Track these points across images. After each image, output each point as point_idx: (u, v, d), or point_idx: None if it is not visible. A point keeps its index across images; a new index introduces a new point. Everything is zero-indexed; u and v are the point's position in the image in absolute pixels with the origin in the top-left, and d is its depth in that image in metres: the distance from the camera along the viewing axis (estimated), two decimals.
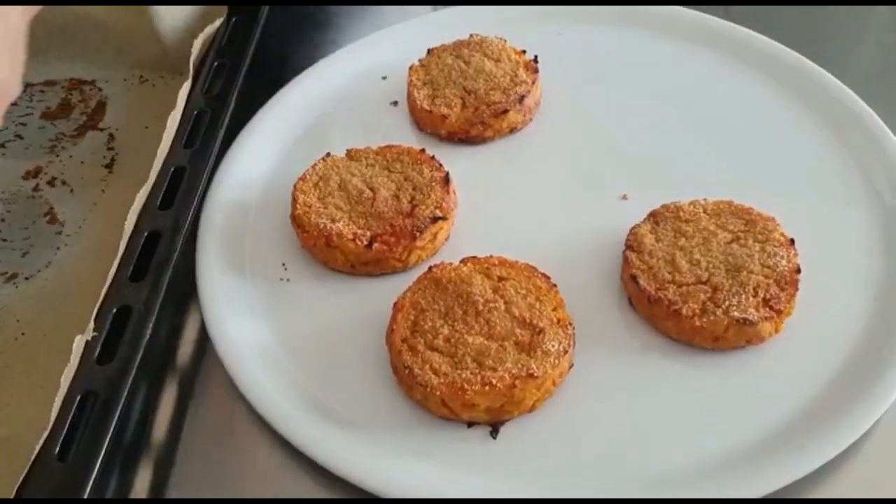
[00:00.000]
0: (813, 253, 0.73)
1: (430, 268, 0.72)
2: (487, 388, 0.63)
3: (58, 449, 0.63)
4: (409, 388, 0.66)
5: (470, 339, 0.66)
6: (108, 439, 0.64)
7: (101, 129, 0.95)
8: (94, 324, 0.69)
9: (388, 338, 0.69)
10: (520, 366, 0.65)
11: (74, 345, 0.66)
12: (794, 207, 0.78)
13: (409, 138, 0.89)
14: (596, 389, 0.68)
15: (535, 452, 0.65)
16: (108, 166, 0.91)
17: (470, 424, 0.66)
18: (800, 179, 0.83)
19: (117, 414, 0.65)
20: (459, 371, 0.65)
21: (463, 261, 0.73)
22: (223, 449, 0.69)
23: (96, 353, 0.68)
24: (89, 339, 0.68)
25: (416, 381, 0.64)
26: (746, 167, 0.85)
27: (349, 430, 0.66)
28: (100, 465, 0.63)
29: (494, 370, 0.64)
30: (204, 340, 0.75)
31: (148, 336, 0.70)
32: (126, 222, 0.74)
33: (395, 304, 0.70)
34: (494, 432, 0.66)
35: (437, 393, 0.64)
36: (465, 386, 0.63)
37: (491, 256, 0.73)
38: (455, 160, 0.85)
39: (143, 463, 0.69)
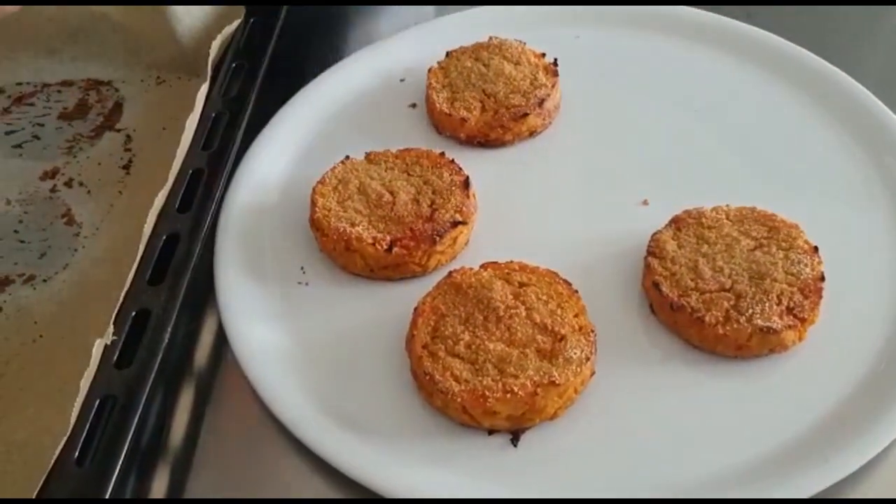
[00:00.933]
0: (837, 260, 0.73)
1: (451, 273, 0.72)
2: (509, 395, 0.63)
3: (76, 454, 0.63)
4: (430, 394, 0.66)
5: (491, 346, 0.66)
6: (126, 444, 0.64)
7: (119, 130, 0.95)
8: (114, 327, 0.69)
9: (408, 343, 0.68)
10: (541, 373, 0.64)
11: (94, 348, 0.66)
12: (817, 214, 0.77)
13: (427, 141, 0.88)
14: (618, 397, 0.68)
15: (556, 461, 0.65)
16: (126, 168, 0.91)
17: (491, 432, 0.66)
18: (823, 186, 0.82)
19: (136, 419, 0.65)
20: (480, 378, 0.64)
21: (483, 266, 0.72)
22: (240, 453, 0.69)
23: (115, 357, 0.68)
24: (108, 342, 0.67)
25: (437, 388, 0.64)
26: (769, 173, 0.84)
27: (368, 436, 0.66)
28: (118, 470, 0.63)
29: (516, 377, 0.64)
30: (221, 344, 0.75)
31: (166, 340, 0.70)
32: (145, 225, 0.74)
33: (416, 309, 0.70)
34: (515, 440, 0.65)
35: (458, 400, 0.63)
36: (487, 393, 0.63)
37: (511, 262, 0.73)
38: (474, 164, 0.84)
39: (161, 467, 0.69)
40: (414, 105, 0.94)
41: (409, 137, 0.89)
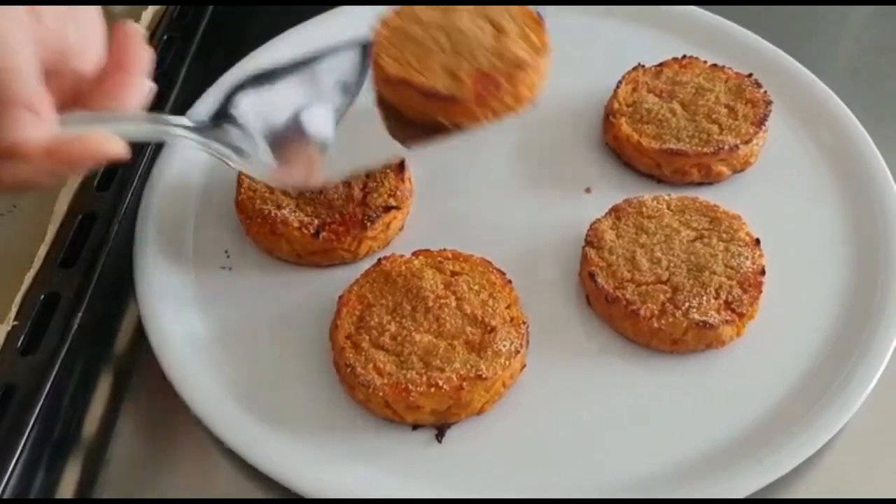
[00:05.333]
0: (779, 254, 0.71)
1: (380, 260, 0.69)
2: (433, 389, 0.60)
3: None
4: (352, 387, 0.63)
5: (418, 338, 0.63)
6: (27, 435, 0.60)
7: None
8: (19, 312, 0.65)
9: (331, 333, 0.65)
10: (468, 366, 0.61)
11: None
12: (761, 205, 0.76)
13: None
14: (548, 392, 0.65)
15: (482, 457, 0.62)
16: None
17: (414, 427, 0.63)
18: (768, 176, 0.80)
19: (38, 408, 0.62)
20: (405, 371, 0.61)
21: (415, 253, 0.69)
22: (158, 447, 0.66)
23: (19, 344, 0.64)
24: (9, 328, 0.63)
25: (359, 381, 0.61)
26: None
27: (287, 431, 0.63)
28: (20, 463, 0.60)
29: (442, 370, 0.61)
30: (142, 332, 0.70)
31: (77, 326, 0.67)
32: (56, 203, 0.70)
33: (340, 297, 0.67)
34: (440, 435, 0.63)
35: (380, 394, 0.60)
36: (410, 387, 0.60)
37: (444, 250, 0.70)
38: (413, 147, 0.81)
39: (72, 461, 0.66)
40: None
41: None
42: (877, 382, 0.64)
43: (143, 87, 0.55)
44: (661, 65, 0.85)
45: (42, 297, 0.67)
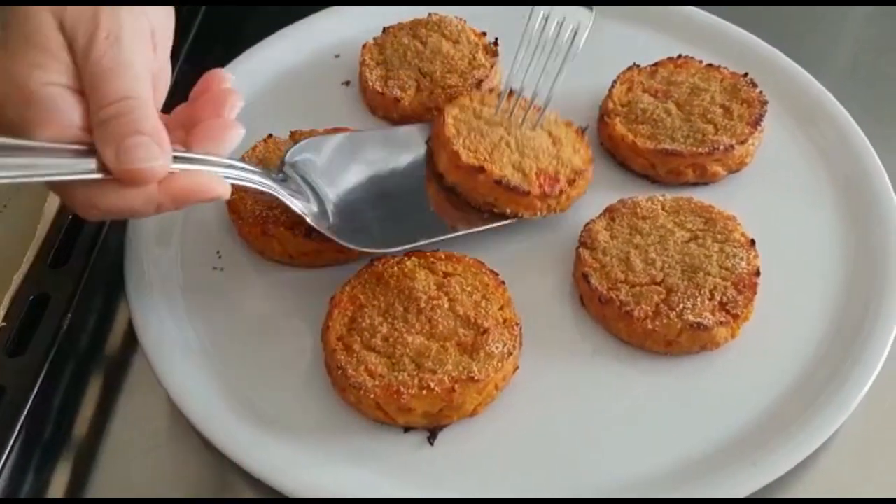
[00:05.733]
0: (774, 255, 0.70)
1: (372, 261, 0.68)
2: (425, 391, 0.60)
3: None
4: (343, 389, 0.62)
5: (410, 339, 0.62)
6: (15, 438, 0.60)
7: None
8: (8, 313, 0.65)
9: (322, 335, 0.65)
10: (461, 368, 0.61)
11: None
12: (756, 206, 0.75)
13: (359, 122, 0.84)
14: (541, 394, 0.65)
15: (474, 460, 0.61)
16: None
17: (406, 429, 0.62)
18: (764, 177, 0.79)
19: (27, 410, 0.61)
20: (396, 373, 0.61)
21: (407, 254, 0.69)
22: (150, 448, 0.65)
23: (7, 345, 0.64)
24: None
25: (350, 383, 0.60)
26: None
27: (278, 433, 0.62)
28: (10, 465, 0.60)
29: (434, 372, 0.61)
30: (134, 333, 0.70)
31: (66, 327, 0.66)
32: (46, 203, 0.70)
33: (332, 299, 0.66)
34: (432, 438, 0.62)
35: (372, 396, 0.60)
36: (402, 389, 0.60)
37: (437, 251, 0.69)
38: None
39: (62, 462, 0.65)
40: (347, 83, 0.90)
41: (340, 117, 0.84)
42: (872, 384, 0.63)
43: (236, 134, 0.58)
44: (656, 64, 0.85)
45: (31, 297, 0.67)
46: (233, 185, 0.59)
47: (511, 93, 0.77)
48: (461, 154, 0.71)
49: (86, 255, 0.70)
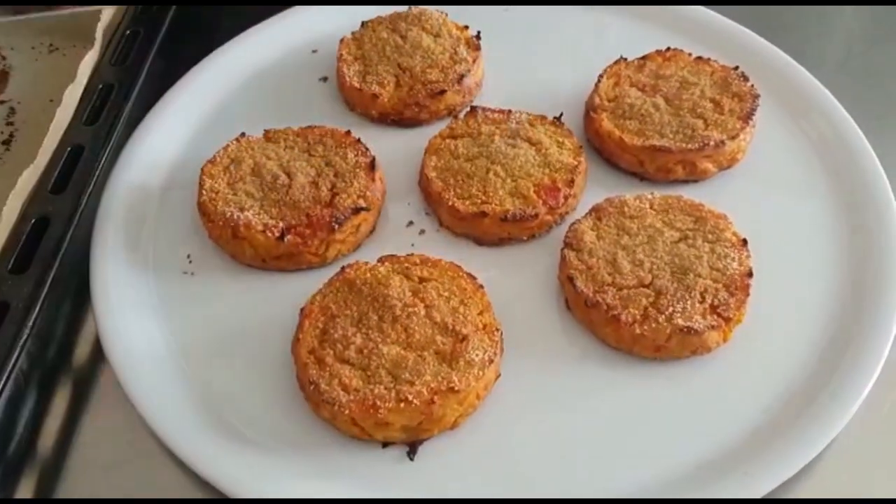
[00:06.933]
0: (767, 254, 0.68)
1: (343, 268, 0.65)
2: (403, 404, 0.57)
3: None
4: (317, 405, 0.59)
5: (385, 349, 0.60)
6: None
7: (1, 102, 0.86)
8: None
9: (293, 348, 0.62)
10: (440, 378, 0.58)
11: None
12: (748, 204, 0.73)
13: (336, 119, 0.81)
14: (525, 403, 0.62)
15: (456, 474, 0.59)
16: (6, 143, 0.83)
17: (385, 444, 0.60)
18: (756, 174, 0.76)
19: None
20: (372, 386, 0.58)
21: (380, 260, 0.66)
22: (117, 462, 0.63)
23: None
24: None
25: (323, 399, 0.57)
26: None
27: (249, 449, 0.59)
28: None
29: (411, 384, 0.58)
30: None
31: (28, 336, 0.63)
32: (5, 208, 0.66)
33: (302, 309, 0.63)
34: (412, 453, 0.59)
35: (347, 411, 0.57)
36: (378, 403, 0.57)
37: (412, 255, 0.66)
38: (386, 144, 0.78)
39: (26, 478, 0.63)
40: (325, 79, 0.87)
41: (317, 114, 0.82)
42: (870, 389, 0.61)
43: None
44: (643, 58, 0.82)
45: None
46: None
47: (473, 110, 0.76)
48: (458, 207, 0.70)
49: (48, 261, 0.66)
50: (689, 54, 0.81)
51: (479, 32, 0.86)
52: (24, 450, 0.64)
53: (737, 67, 0.80)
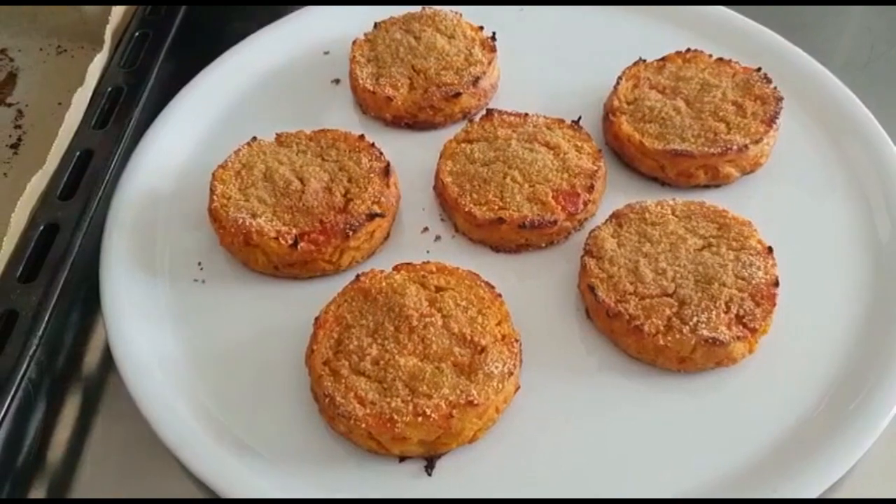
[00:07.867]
0: (794, 262, 0.66)
1: (358, 276, 0.64)
2: (420, 418, 0.55)
3: None
4: (332, 418, 0.58)
5: (402, 361, 0.58)
6: None
7: (9, 105, 0.85)
8: None
9: (307, 359, 0.60)
10: (458, 392, 0.57)
11: None
12: (773, 210, 0.71)
13: (349, 122, 0.80)
14: (545, 415, 0.61)
15: (475, 489, 0.57)
16: (14, 146, 0.82)
17: (402, 459, 0.58)
18: (780, 178, 0.75)
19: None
20: (389, 399, 0.56)
21: (396, 268, 0.64)
22: (126, 473, 0.62)
23: None
24: None
25: (338, 412, 0.56)
26: None
27: (263, 464, 0.58)
28: None
29: (429, 397, 0.56)
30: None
31: (37, 345, 0.62)
32: (14, 214, 0.65)
33: (317, 319, 0.62)
34: (430, 467, 0.58)
35: (363, 425, 0.56)
36: (395, 417, 0.55)
37: (428, 262, 0.65)
38: (400, 148, 0.77)
39: (35, 489, 0.61)
40: (337, 81, 0.85)
41: (330, 117, 0.81)
42: None
43: None
44: (663, 59, 0.80)
45: None
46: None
47: (489, 113, 0.75)
48: (475, 213, 0.68)
49: (57, 269, 0.65)
50: (710, 55, 0.80)
51: (494, 33, 0.84)
52: (34, 459, 0.63)
53: (759, 69, 0.78)
